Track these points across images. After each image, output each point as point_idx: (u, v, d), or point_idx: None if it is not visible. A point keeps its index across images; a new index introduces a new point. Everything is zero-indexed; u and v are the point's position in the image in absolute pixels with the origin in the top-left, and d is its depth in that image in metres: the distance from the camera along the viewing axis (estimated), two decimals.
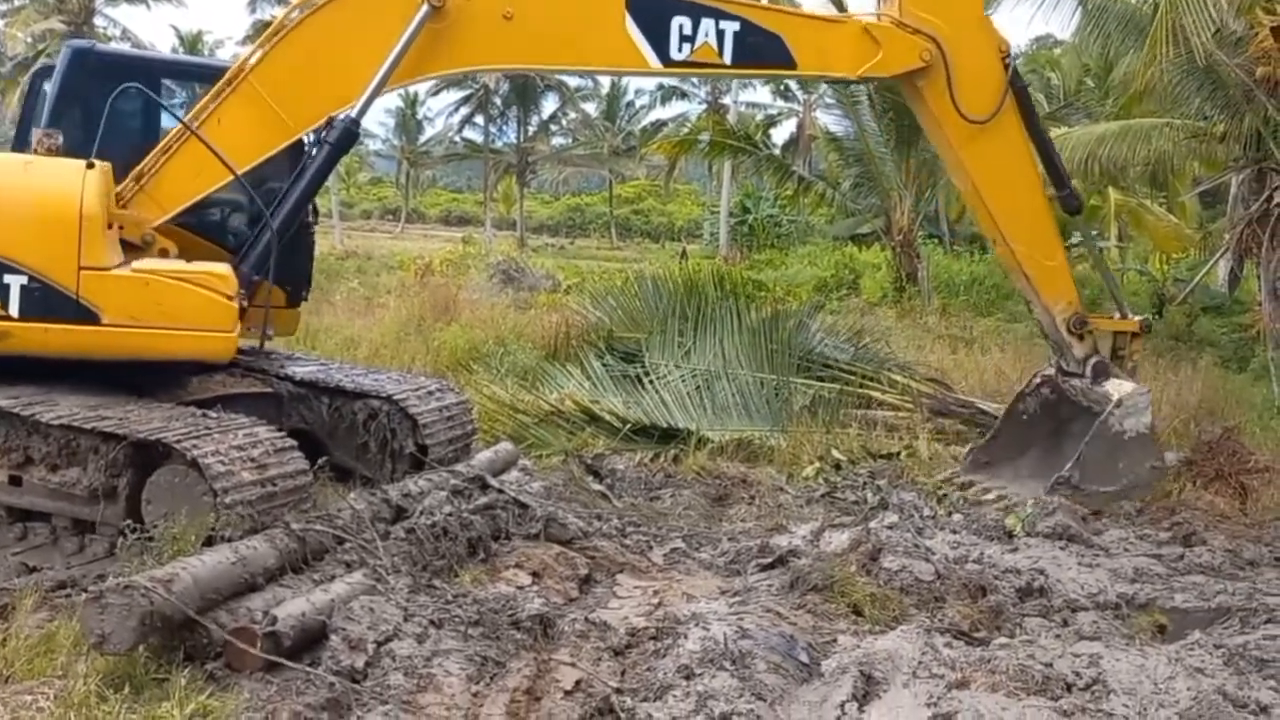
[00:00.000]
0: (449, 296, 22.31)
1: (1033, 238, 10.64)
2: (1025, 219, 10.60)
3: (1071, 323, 10.72)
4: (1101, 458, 10.29)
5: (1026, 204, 10.63)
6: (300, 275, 9.80)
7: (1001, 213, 10.58)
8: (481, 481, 9.12)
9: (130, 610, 5.71)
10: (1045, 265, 10.71)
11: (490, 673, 6.30)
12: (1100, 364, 10.72)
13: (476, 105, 74.78)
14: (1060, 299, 10.76)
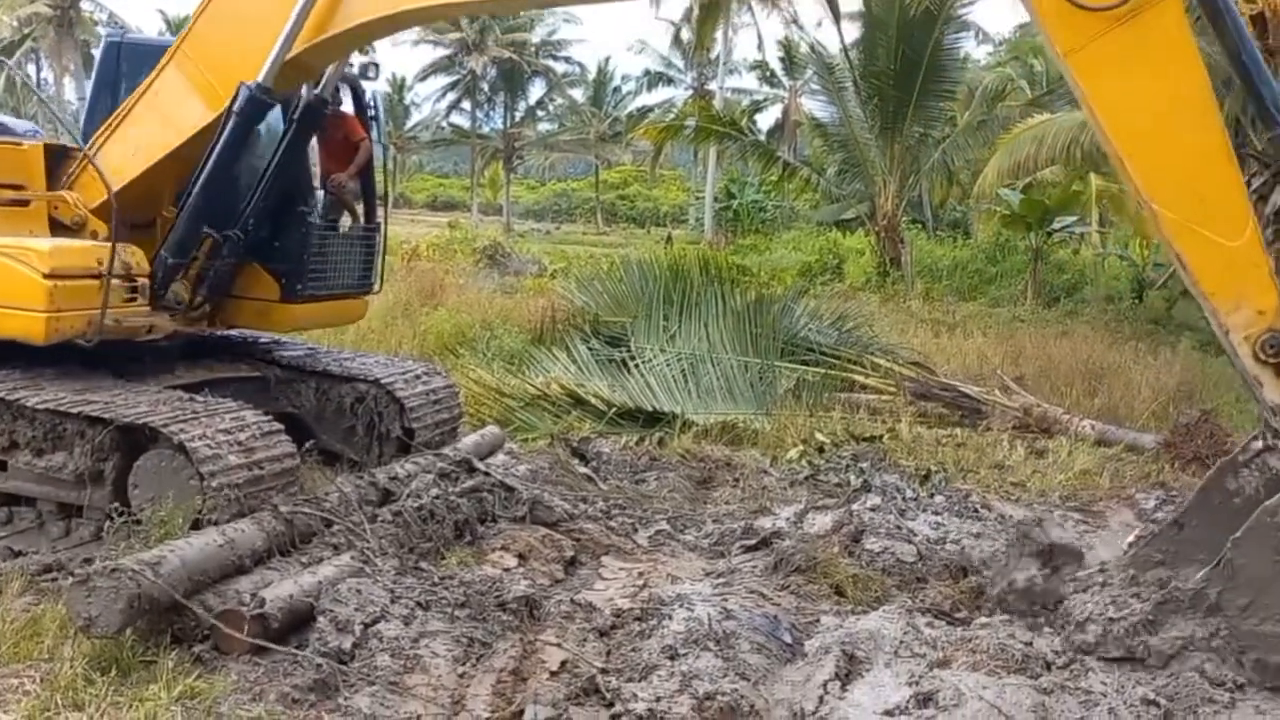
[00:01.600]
0: (435, 281, 22.33)
1: (1195, 201, 6.27)
2: (1179, 171, 6.29)
3: (1263, 344, 6.17)
4: (1261, 577, 5.96)
5: (1187, 147, 6.30)
6: (294, 265, 9.31)
7: (1138, 159, 6.37)
8: (468, 465, 9.17)
9: (117, 593, 5.74)
10: (1214, 245, 6.28)
11: (477, 654, 6.36)
12: None
13: (463, 91, 74.60)
14: (1240, 302, 6.27)
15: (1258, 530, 5.86)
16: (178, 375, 8.91)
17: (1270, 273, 6.14)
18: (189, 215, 8.52)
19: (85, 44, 65.68)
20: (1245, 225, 6.21)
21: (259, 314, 9.43)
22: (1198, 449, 11.20)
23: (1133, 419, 13.53)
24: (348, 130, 9.98)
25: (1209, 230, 6.20)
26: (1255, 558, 5.83)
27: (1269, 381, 6.17)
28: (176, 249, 8.57)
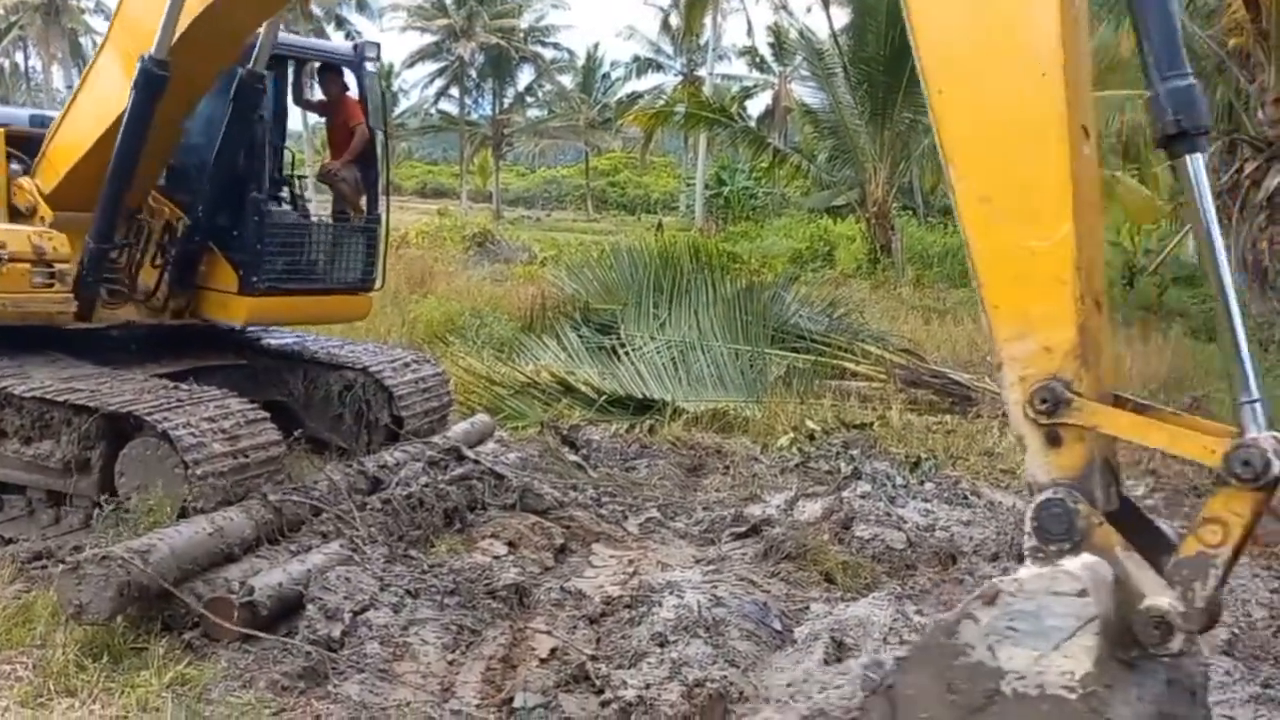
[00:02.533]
0: (425, 269, 22.30)
1: (1003, 174, 4.28)
2: (993, 128, 4.28)
3: (1035, 394, 4.10)
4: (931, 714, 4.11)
5: (1011, 99, 4.24)
6: (250, 255, 9.02)
7: (945, 96, 4.33)
8: (457, 452, 9.16)
9: (107, 580, 5.75)
10: (1013, 240, 4.25)
11: (466, 641, 6.36)
12: (1053, 510, 4.01)
13: (452, 77, 74.37)
14: (1026, 329, 4.23)
15: (925, 650, 4.18)
16: (164, 364, 8.88)
17: (1076, 299, 4.06)
18: (106, 198, 8.37)
19: (73, 32, 65.50)
20: (1062, 223, 4.12)
21: (220, 305, 9.24)
22: None
23: None
24: (347, 115, 9.88)
25: (1013, 218, 4.25)
26: (921, 688, 4.08)
27: (1033, 446, 4.13)
28: (98, 234, 8.44)
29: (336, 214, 10.16)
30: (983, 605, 3.95)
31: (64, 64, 66.12)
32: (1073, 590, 3.83)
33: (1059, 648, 3.83)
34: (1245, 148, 17.14)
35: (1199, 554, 3.84)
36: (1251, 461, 3.71)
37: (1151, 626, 3.81)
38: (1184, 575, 3.82)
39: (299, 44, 11.97)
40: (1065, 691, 3.78)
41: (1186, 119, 3.95)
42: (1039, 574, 3.93)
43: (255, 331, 10.18)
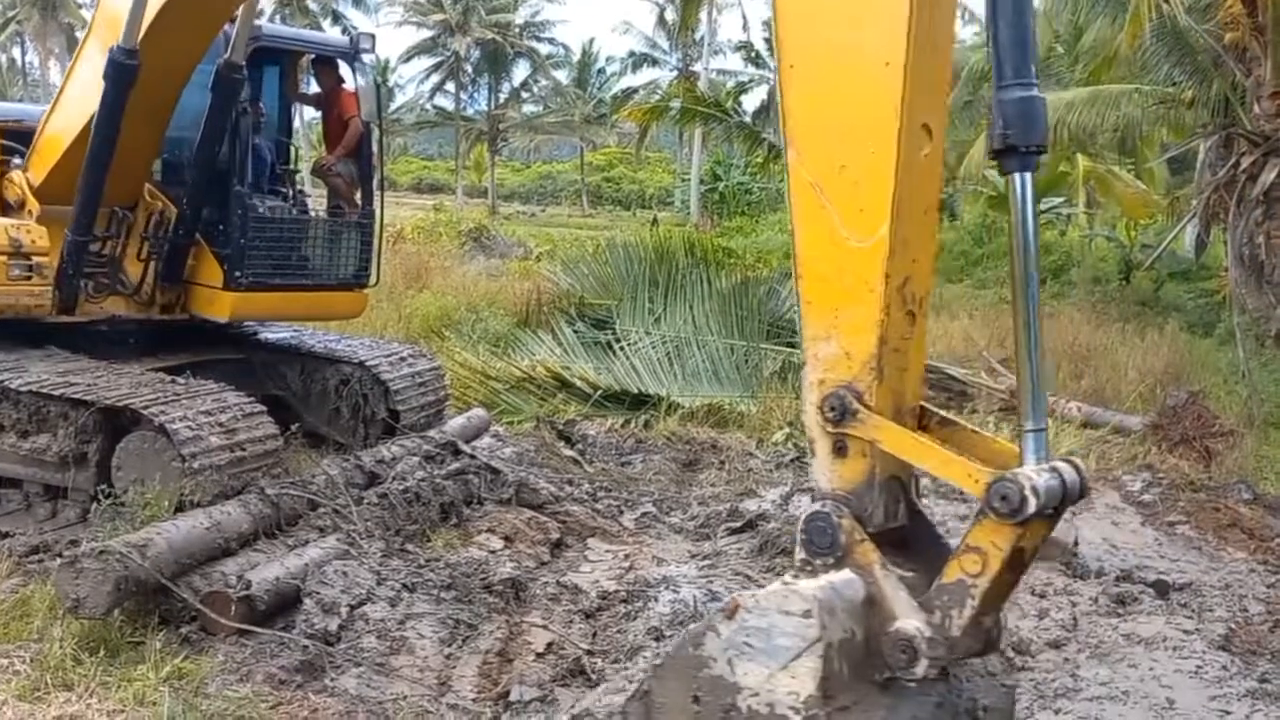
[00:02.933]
0: (421, 264, 22.25)
1: (834, 165, 4.02)
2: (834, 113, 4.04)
3: (827, 400, 3.93)
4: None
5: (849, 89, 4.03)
6: (234, 250, 8.88)
7: (795, 72, 4.14)
8: (454, 447, 9.15)
9: (105, 575, 5.75)
10: (833, 236, 4.01)
11: (463, 635, 6.37)
12: (819, 523, 3.94)
13: (447, 73, 74.29)
14: (834, 331, 4.02)
15: (676, 660, 4.03)
16: (161, 358, 8.87)
17: (882, 308, 3.91)
18: (83, 190, 8.31)
19: (69, 27, 65.29)
20: (880, 225, 3.92)
21: (207, 300, 9.12)
22: (1185, 431, 11.24)
23: (1119, 401, 13.57)
24: (342, 108, 9.80)
25: (837, 210, 4.00)
26: (671, 696, 3.99)
27: (820, 452, 3.99)
28: (76, 227, 8.39)
29: (331, 209, 10.09)
30: (724, 618, 3.85)
31: (61, 59, 65.87)
32: (799, 610, 3.71)
33: (786, 667, 3.72)
34: (1241, 142, 17.12)
35: (959, 581, 3.76)
36: (1009, 496, 3.58)
37: (898, 649, 3.72)
38: (943, 601, 3.75)
39: (293, 36, 11.94)
40: (790, 712, 3.68)
41: (1019, 134, 3.76)
42: (773, 591, 3.82)
43: (252, 326, 10.16)
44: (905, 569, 3.87)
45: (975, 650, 3.86)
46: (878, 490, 3.94)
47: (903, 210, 3.90)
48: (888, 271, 3.87)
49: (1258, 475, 10.89)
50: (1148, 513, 9.63)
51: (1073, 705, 5.59)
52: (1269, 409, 13.80)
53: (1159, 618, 6.85)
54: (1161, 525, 9.32)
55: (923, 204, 4.04)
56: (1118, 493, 10.17)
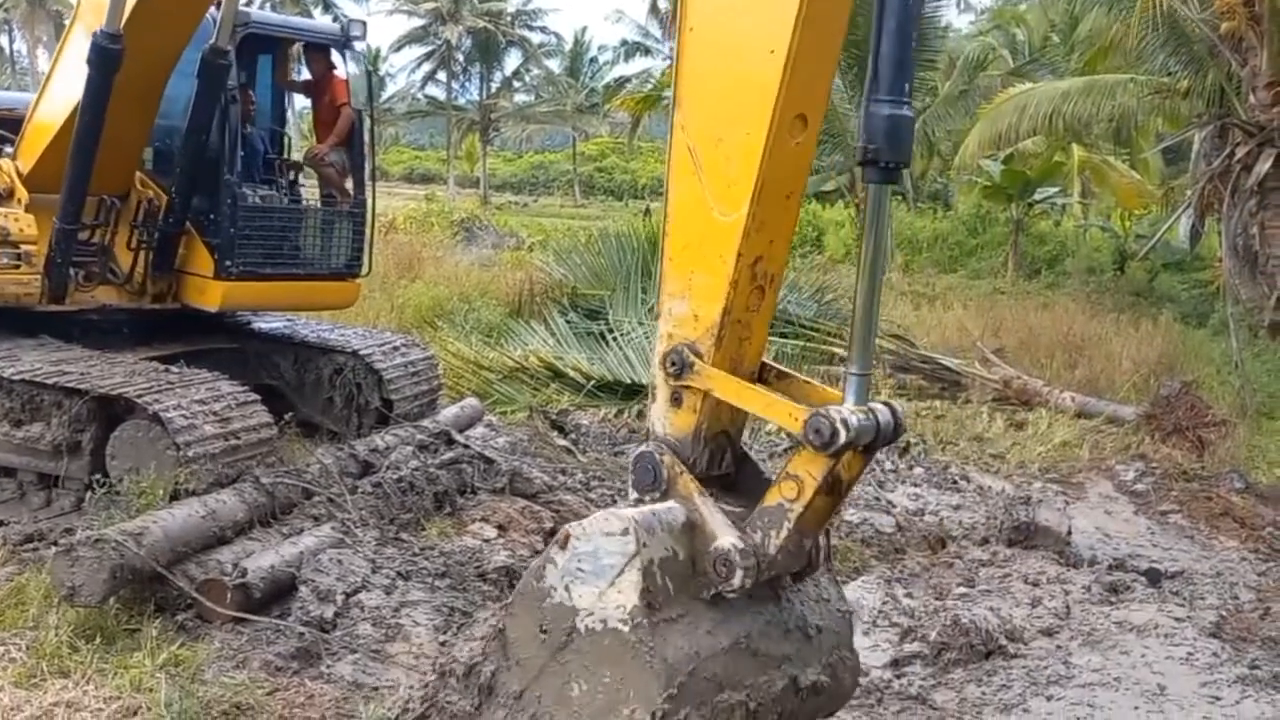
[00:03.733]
0: (413, 254, 22.23)
1: (713, 138, 4.29)
2: (720, 90, 4.29)
3: (670, 354, 4.36)
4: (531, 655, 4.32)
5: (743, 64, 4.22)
6: (224, 239, 8.83)
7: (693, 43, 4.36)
8: (447, 437, 9.16)
9: (101, 563, 5.76)
10: (701, 205, 4.35)
11: (457, 623, 6.38)
12: (646, 463, 4.44)
13: (439, 61, 74.12)
14: (687, 291, 4.39)
15: (524, 594, 4.31)
16: (154, 347, 8.86)
17: (730, 282, 4.22)
18: (70, 178, 8.24)
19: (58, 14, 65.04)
20: (742, 203, 4.17)
21: (198, 290, 9.06)
22: (1178, 421, 11.27)
23: (1113, 391, 13.61)
24: (333, 96, 9.76)
25: (708, 181, 4.28)
26: (523, 630, 4.28)
27: (659, 399, 4.43)
28: (64, 215, 8.34)
29: (324, 198, 10.05)
30: (558, 549, 4.17)
31: (49, 47, 65.64)
32: (618, 530, 4.06)
33: (613, 584, 4.06)
34: (1237, 132, 17.13)
35: (778, 505, 4.15)
36: (821, 430, 3.95)
37: (718, 564, 4.10)
38: (763, 523, 4.15)
39: (284, 24, 11.88)
40: (620, 624, 4.01)
41: (886, 150, 4.00)
42: (596, 517, 4.17)
43: (245, 315, 10.15)
44: (734, 506, 4.25)
45: (796, 568, 4.33)
46: (702, 441, 4.37)
47: (765, 193, 4.14)
48: (741, 250, 4.17)
49: (1250, 465, 10.94)
50: (1140, 502, 9.68)
51: (1065, 692, 5.62)
52: (1261, 399, 13.86)
53: (1151, 605, 6.89)
54: (1154, 514, 9.38)
55: (786, 189, 4.26)
56: (1111, 482, 10.22)
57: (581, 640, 4.12)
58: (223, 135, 8.72)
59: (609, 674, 4.09)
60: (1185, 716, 5.37)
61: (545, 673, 4.22)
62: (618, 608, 4.03)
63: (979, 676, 5.83)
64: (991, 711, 5.47)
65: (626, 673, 4.06)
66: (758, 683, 4.32)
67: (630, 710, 4.03)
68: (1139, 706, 5.46)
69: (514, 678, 4.30)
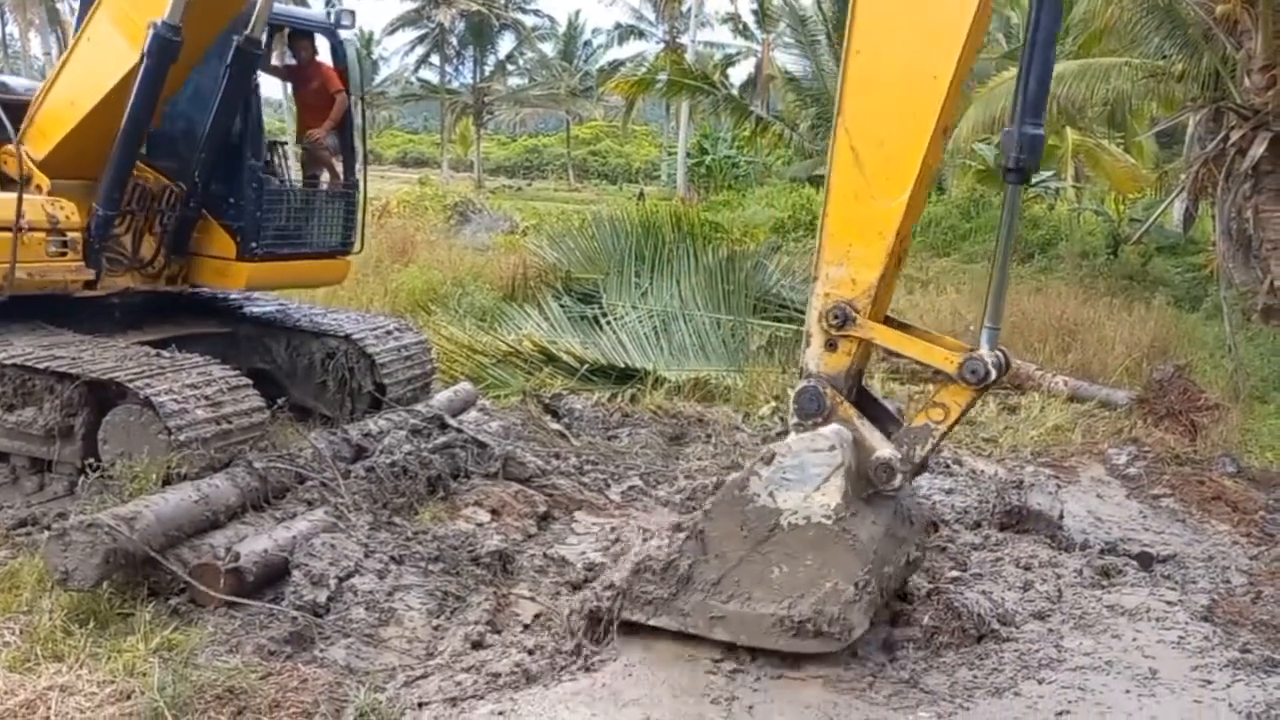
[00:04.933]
0: (407, 238, 22.19)
1: (875, 140, 5.61)
2: (883, 99, 5.59)
3: (832, 310, 5.71)
4: (730, 549, 5.69)
5: (905, 79, 5.55)
6: (248, 222, 9.11)
7: (859, 60, 5.65)
8: (440, 421, 9.16)
9: (94, 547, 5.77)
10: (863, 192, 5.66)
11: (451, 607, 6.40)
12: (810, 395, 5.80)
13: (432, 45, 73.88)
14: (846, 260, 5.73)
15: (725, 501, 5.67)
16: (145, 331, 8.86)
17: (887, 254, 5.58)
18: (115, 164, 8.37)
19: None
20: (902, 193, 5.54)
21: (218, 272, 9.30)
22: (1170, 405, 11.28)
23: (1106, 375, 13.62)
24: (324, 82, 9.83)
25: (870, 175, 5.59)
26: (723, 529, 5.62)
27: (815, 346, 5.82)
28: (106, 200, 8.44)
29: (308, 179, 10.16)
30: (763, 464, 5.64)
31: (41, 31, 65.33)
32: (825, 446, 5.57)
33: (819, 488, 5.52)
34: (1231, 116, 17.11)
35: (925, 425, 5.71)
36: (977, 370, 5.52)
37: (881, 471, 5.66)
38: (910, 438, 5.71)
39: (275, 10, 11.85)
40: (824, 519, 5.51)
41: (1031, 161, 5.45)
42: (800, 438, 5.64)
43: (237, 299, 10.16)
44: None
45: (918, 473, 5.95)
46: (849, 376, 5.84)
47: (919, 186, 5.56)
48: (899, 229, 5.62)
49: (1242, 449, 10.96)
50: (1133, 486, 9.70)
51: (1056, 675, 5.63)
52: (1254, 383, 13.87)
53: (1143, 589, 6.91)
54: (1146, 498, 9.40)
55: (926, 181, 5.63)
56: (1103, 466, 10.24)
57: (784, 534, 5.55)
58: (246, 122, 9.00)
59: (811, 558, 5.52)
60: (1176, 700, 5.38)
61: (745, 562, 5.59)
62: (822, 506, 5.51)
63: (971, 660, 5.84)
64: (983, 694, 5.48)
65: (829, 555, 5.49)
66: (896, 558, 5.92)
67: (833, 583, 5.46)
68: (1130, 690, 5.48)
69: (712, 569, 5.64)
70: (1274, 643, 6.17)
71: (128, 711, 4.96)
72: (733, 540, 5.60)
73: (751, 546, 5.58)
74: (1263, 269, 16.97)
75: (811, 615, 5.45)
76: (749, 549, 5.57)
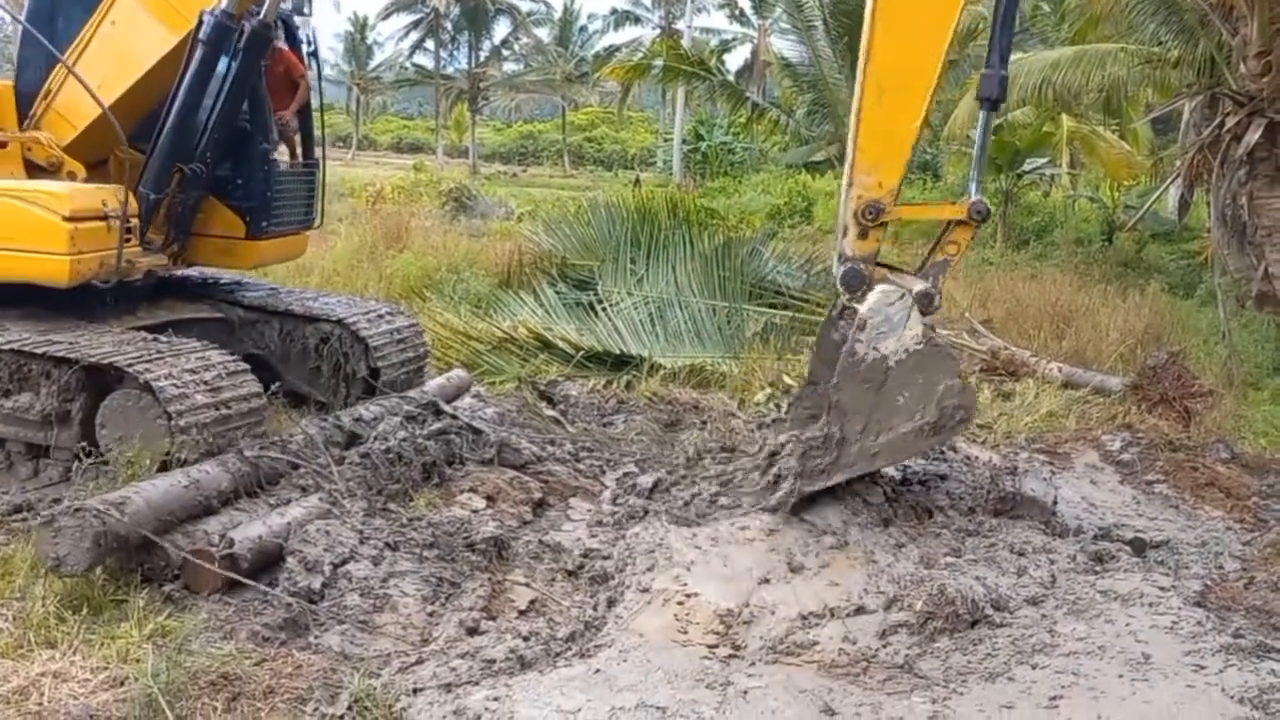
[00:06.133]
0: (401, 224, 22.15)
1: (901, 69, 7.29)
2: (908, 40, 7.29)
3: (866, 208, 7.38)
4: (863, 403, 7.35)
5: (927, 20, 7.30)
6: (259, 202, 9.36)
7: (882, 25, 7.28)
8: (435, 407, 9.15)
9: (83, 532, 5.76)
10: (889, 113, 7.32)
11: (446, 593, 6.41)
12: (853, 272, 7.48)
13: (427, 30, 73.70)
14: (875, 169, 7.40)
15: (845, 371, 7.29)
16: (140, 317, 8.86)
17: (905, 164, 7.46)
18: (165, 149, 8.48)
19: None
20: (919, 115, 7.35)
21: (222, 251, 9.43)
22: (1164, 391, 11.29)
23: (1100, 361, 13.64)
24: (288, 66, 9.90)
25: (895, 105, 7.28)
26: (852, 392, 7.28)
27: (851, 236, 7.48)
28: (155, 184, 8.55)
29: None
30: (859, 331, 7.27)
31: None
32: (896, 296, 7.30)
33: (906, 327, 7.27)
34: (1227, 102, 17.05)
35: (944, 260, 7.61)
36: (981, 210, 7.48)
37: (923, 299, 7.29)
38: (935, 271, 7.55)
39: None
40: (916, 345, 7.27)
41: (1002, 97, 7.64)
42: (874, 301, 7.29)
43: (230, 284, 10.15)
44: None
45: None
46: (876, 255, 7.56)
47: (928, 113, 7.48)
48: (914, 144, 7.45)
49: (1236, 435, 10.98)
50: (1126, 472, 9.72)
51: (1050, 660, 5.65)
52: (1248, 369, 13.89)
53: (1136, 575, 6.91)
54: (1140, 484, 9.41)
55: (932, 98, 7.40)
56: (1097, 452, 10.25)
57: (895, 371, 7.26)
58: (254, 104, 9.17)
59: (920, 376, 7.27)
60: (1169, 684, 5.39)
61: (876, 405, 7.29)
62: (912, 337, 7.25)
63: (965, 645, 5.85)
64: (977, 679, 5.50)
65: (930, 368, 7.28)
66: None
67: (946, 384, 7.27)
68: (1123, 675, 5.49)
69: (855, 422, 7.31)
70: (1266, 628, 6.19)
71: (121, 698, 4.96)
72: (862, 395, 7.27)
73: (877, 391, 7.27)
74: (1257, 255, 16.93)
75: (938, 414, 7.27)
76: (876, 394, 7.26)
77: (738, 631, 6.02)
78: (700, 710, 5.06)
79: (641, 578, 6.55)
